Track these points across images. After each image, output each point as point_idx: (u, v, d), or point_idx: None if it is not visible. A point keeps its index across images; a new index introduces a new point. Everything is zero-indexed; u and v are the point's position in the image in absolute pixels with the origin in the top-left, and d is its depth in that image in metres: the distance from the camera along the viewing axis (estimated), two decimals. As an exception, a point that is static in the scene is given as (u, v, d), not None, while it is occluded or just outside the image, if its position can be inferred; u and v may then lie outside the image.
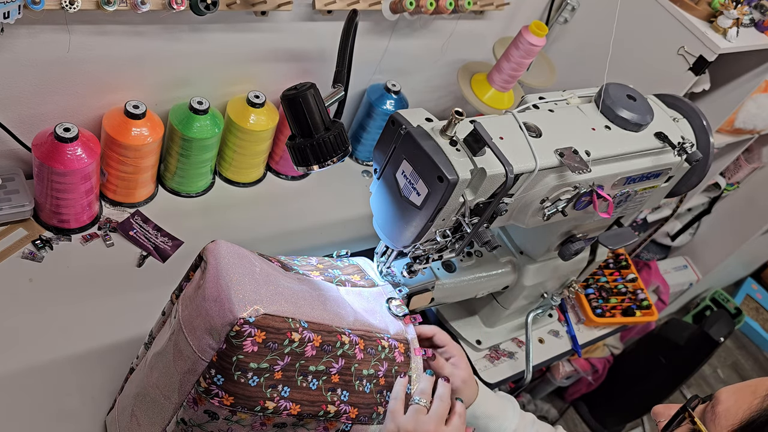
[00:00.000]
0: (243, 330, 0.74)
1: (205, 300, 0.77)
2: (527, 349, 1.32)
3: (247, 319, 0.74)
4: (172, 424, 0.82)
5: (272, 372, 0.78)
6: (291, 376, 0.80)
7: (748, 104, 1.81)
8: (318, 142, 0.90)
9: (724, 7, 1.40)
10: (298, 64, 1.35)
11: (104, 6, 0.96)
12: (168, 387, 0.81)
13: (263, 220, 1.35)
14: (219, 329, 0.75)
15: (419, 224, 0.89)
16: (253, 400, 0.78)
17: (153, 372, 0.84)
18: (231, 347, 0.74)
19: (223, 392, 0.76)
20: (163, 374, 0.82)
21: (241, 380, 0.76)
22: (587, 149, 0.96)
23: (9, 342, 0.99)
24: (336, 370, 0.84)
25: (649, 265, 2.53)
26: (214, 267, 0.78)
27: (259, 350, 0.76)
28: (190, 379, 0.78)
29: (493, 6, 1.47)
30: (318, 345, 0.81)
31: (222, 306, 0.75)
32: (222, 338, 0.75)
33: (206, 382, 0.76)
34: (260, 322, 0.75)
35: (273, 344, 0.77)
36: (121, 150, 1.14)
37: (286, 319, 0.78)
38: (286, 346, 0.78)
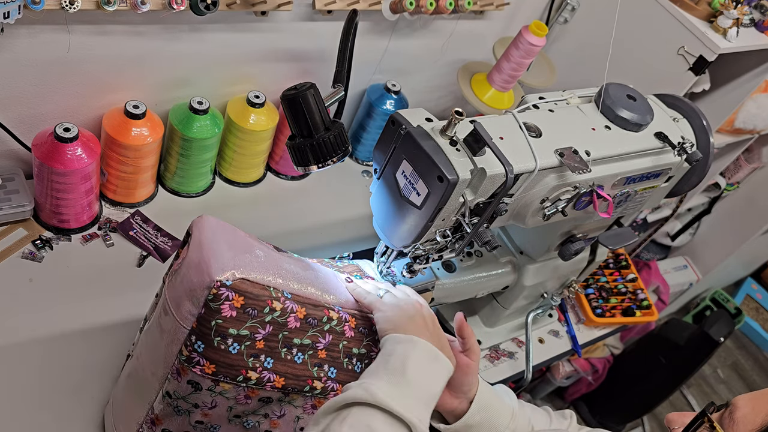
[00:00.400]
0: (220, 293, 0.75)
1: (187, 268, 0.78)
2: (527, 349, 1.32)
3: (224, 282, 0.75)
4: (158, 399, 0.83)
5: (253, 340, 0.78)
6: (274, 347, 0.80)
7: (748, 104, 1.81)
8: (318, 142, 0.90)
9: (724, 7, 1.40)
10: (298, 64, 1.35)
11: (104, 6, 0.96)
12: (154, 362, 0.82)
13: (263, 220, 1.35)
14: (198, 294, 0.76)
15: (419, 224, 0.89)
16: (234, 369, 0.78)
17: (142, 351, 0.85)
18: (209, 311, 0.75)
19: (204, 360, 0.77)
20: (150, 350, 0.83)
21: (221, 347, 0.76)
22: (587, 149, 0.96)
23: (9, 342, 0.99)
24: (323, 345, 0.84)
25: (649, 265, 2.53)
26: (197, 237, 0.79)
27: (238, 315, 0.76)
28: (173, 349, 0.79)
29: (493, 6, 1.47)
30: (302, 317, 0.81)
31: (201, 271, 0.76)
32: (201, 303, 0.75)
33: (188, 350, 0.77)
34: (238, 286, 0.76)
35: (252, 310, 0.77)
36: (121, 150, 1.14)
37: (267, 288, 0.78)
38: (267, 314, 0.78)
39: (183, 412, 0.82)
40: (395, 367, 0.78)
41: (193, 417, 0.82)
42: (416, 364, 0.79)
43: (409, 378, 0.77)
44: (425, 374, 0.80)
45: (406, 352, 0.80)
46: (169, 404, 0.82)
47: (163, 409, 0.83)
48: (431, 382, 0.80)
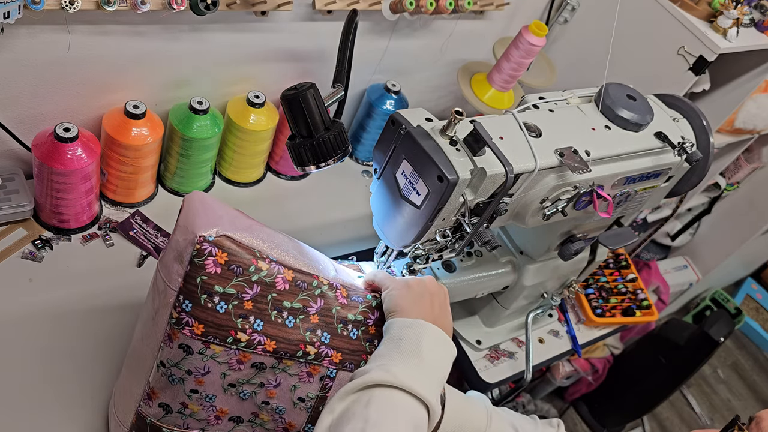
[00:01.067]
0: (203, 248, 0.76)
1: (175, 234, 0.79)
2: (527, 349, 1.32)
3: (206, 237, 0.76)
4: (154, 370, 0.83)
5: (241, 300, 0.79)
6: (263, 309, 0.80)
7: (748, 104, 1.82)
8: (318, 142, 0.90)
9: (724, 7, 1.40)
10: (298, 64, 1.35)
11: (104, 6, 0.96)
12: (148, 335, 0.83)
13: (263, 220, 1.33)
14: (184, 253, 0.77)
15: (419, 224, 0.89)
16: (223, 329, 0.78)
17: (137, 327, 0.86)
18: (194, 268, 0.77)
19: (193, 319, 0.78)
20: (144, 324, 0.84)
21: (208, 305, 0.77)
22: (587, 149, 0.96)
23: (9, 342, 0.99)
24: (315, 310, 0.84)
25: (649, 265, 2.53)
26: (186, 206, 0.81)
27: (223, 272, 0.77)
28: (164, 314, 0.80)
29: (493, 6, 1.47)
30: (290, 279, 0.82)
31: (186, 230, 0.78)
32: (186, 261, 0.77)
33: (177, 311, 0.78)
34: (221, 243, 0.77)
35: (237, 268, 0.78)
36: (121, 150, 1.14)
37: (252, 249, 0.80)
38: (253, 273, 0.79)
39: (177, 380, 0.82)
40: (411, 350, 0.79)
41: (187, 385, 0.82)
42: (429, 347, 0.80)
43: (425, 360, 0.79)
44: (437, 357, 0.81)
45: (418, 335, 0.81)
46: (163, 374, 0.82)
47: (158, 380, 0.83)
48: (442, 365, 0.82)
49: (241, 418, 0.87)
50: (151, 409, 0.85)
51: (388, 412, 0.72)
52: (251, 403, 0.86)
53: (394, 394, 0.74)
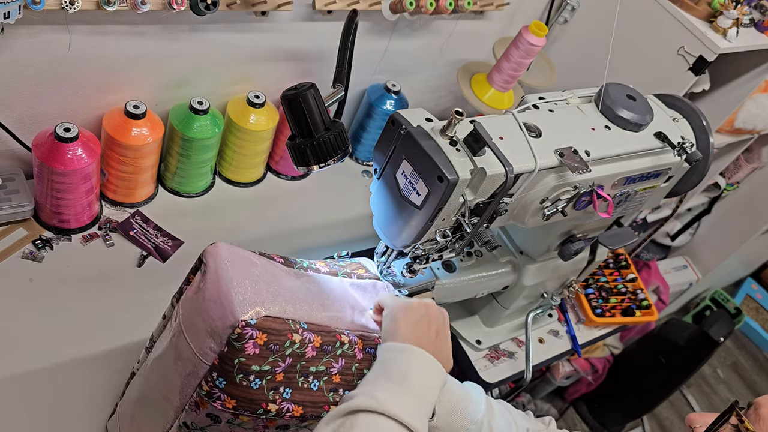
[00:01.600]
0: (245, 332, 0.74)
1: (206, 301, 0.77)
2: (527, 349, 1.32)
3: (248, 321, 0.74)
4: (174, 428, 0.82)
5: (274, 374, 0.78)
6: (292, 378, 0.80)
7: (748, 104, 1.82)
8: (318, 142, 0.90)
9: (724, 7, 1.40)
10: (298, 64, 1.35)
11: (104, 6, 0.96)
12: (169, 390, 0.81)
13: (263, 220, 1.35)
14: (220, 331, 0.75)
15: (419, 224, 0.89)
16: (255, 403, 0.78)
17: (154, 375, 0.84)
18: (233, 350, 0.74)
19: (225, 395, 0.76)
20: (163, 377, 0.82)
21: (243, 383, 0.76)
22: (587, 149, 0.96)
23: (9, 342, 0.99)
24: (336, 370, 0.84)
25: (649, 265, 2.53)
26: (214, 269, 0.78)
27: (261, 352, 0.76)
28: (192, 382, 0.78)
29: (493, 6, 1.47)
30: (318, 345, 0.81)
31: (223, 308, 0.75)
32: (224, 341, 0.75)
33: (208, 385, 0.76)
34: (262, 324, 0.75)
35: (275, 346, 0.77)
36: (122, 150, 1.14)
37: (287, 321, 0.78)
38: (288, 348, 0.78)
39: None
40: (397, 376, 0.79)
41: None
42: (417, 373, 0.80)
43: (411, 386, 0.78)
44: (424, 383, 0.81)
45: (406, 361, 0.81)
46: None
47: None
48: (429, 390, 0.81)
49: None
50: None
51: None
52: None
53: (378, 420, 0.73)
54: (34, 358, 0.99)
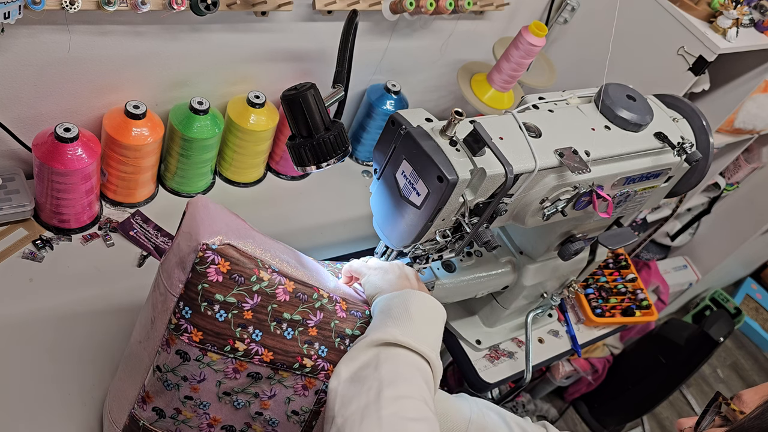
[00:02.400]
0: (206, 256, 0.76)
1: (177, 239, 0.79)
2: (527, 349, 1.32)
3: (210, 245, 0.76)
4: (150, 374, 0.83)
5: (241, 309, 0.78)
6: (263, 320, 0.80)
7: (747, 104, 1.82)
8: (318, 142, 0.90)
9: (724, 7, 1.40)
10: (298, 64, 1.35)
11: (104, 6, 0.96)
12: (146, 336, 0.83)
13: (263, 220, 1.35)
14: (186, 260, 0.77)
15: (419, 224, 0.89)
16: (221, 338, 0.78)
17: (137, 330, 0.86)
18: (195, 275, 0.76)
19: (192, 326, 0.77)
20: (142, 326, 0.84)
21: (208, 312, 0.77)
22: (587, 149, 0.96)
23: (9, 342, 0.99)
24: (314, 323, 0.84)
25: (649, 265, 2.53)
26: (191, 211, 0.81)
27: (224, 281, 0.77)
28: (164, 319, 0.80)
29: (493, 6, 1.47)
30: (291, 291, 0.81)
31: (189, 237, 0.77)
32: (189, 268, 0.77)
33: (176, 317, 0.78)
34: (224, 251, 0.77)
35: (239, 277, 0.78)
36: (122, 150, 1.15)
37: (254, 258, 0.79)
38: (254, 283, 0.79)
39: (172, 386, 0.82)
40: (401, 314, 0.82)
41: (182, 392, 0.82)
42: (418, 308, 0.84)
43: (416, 320, 0.82)
44: (428, 317, 0.85)
45: (405, 301, 0.84)
46: (159, 378, 0.82)
47: (153, 385, 0.83)
48: (434, 324, 0.85)
49: (233, 428, 0.87)
50: (145, 412, 0.85)
51: (399, 368, 0.75)
52: (245, 413, 0.86)
53: (397, 351, 0.78)
54: (33, 358, 0.99)
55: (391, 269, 0.92)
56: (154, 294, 0.83)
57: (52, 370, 1.00)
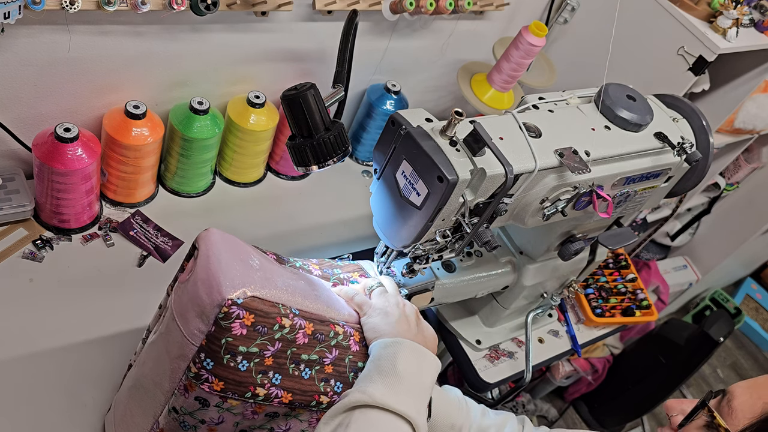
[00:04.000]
0: (231, 311, 0.74)
1: (196, 283, 0.77)
2: (527, 349, 1.32)
3: (235, 300, 0.74)
4: (164, 413, 0.82)
5: (262, 357, 0.78)
6: (282, 363, 0.80)
7: (747, 104, 1.82)
8: (318, 142, 0.90)
9: (724, 7, 1.40)
10: (298, 64, 1.35)
11: (104, 6, 0.96)
12: (160, 375, 0.82)
13: (263, 220, 1.35)
14: (208, 312, 0.75)
15: (419, 224, 0.89)
16: (243, 386, 0.78)
17: (146, 362, 0.84)
18: (219, 329, 0.75)
19: (213, 377, 0.76)
20: (155, 363, 0.83)
21: (231, 364, 0.76)
22: (587, 149, 0.96)
23: (8, 342, 0.99)
24: (330, 360, 0.84)
25: (649, 265, 2.53)
26: (205, 252, 0.79)
27: (248, 333, 0.76)
28: (181, 365, 0.78)
29: (493, 6, 1.47)
30: (310, 333, 0.81)
31: (211, 288, 0.75)
32: (211, 321, 0.75)
33: (196, 366, 0.76)
34: (249, 305, 0.75)
35: (262, 328, 0.77)
36: (122, 150, 1.15)
37: (276, 305, 0.78)
38: (276, 332, 0.78)
39: (189, 427, 0.82)
40: (387, 368, 0.81)
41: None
42: (405, 361, 0.82)
43: (401, 375, 0.80)
44: (415, 370, 0.83)
45: (394, 352, 0.83)
46: (175, 419, 0.82)
47: (168, 423, 0.82)
48: (422, 375, 0.83)
49: None
50: None
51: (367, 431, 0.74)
52: None
53: (371, 414, 0.76)
54: (33, 358, 0.99)
55: (392, 310, 0.91)
56: (169, 336, 0.80)
57: (52, 369, 0.99)
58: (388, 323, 0.88)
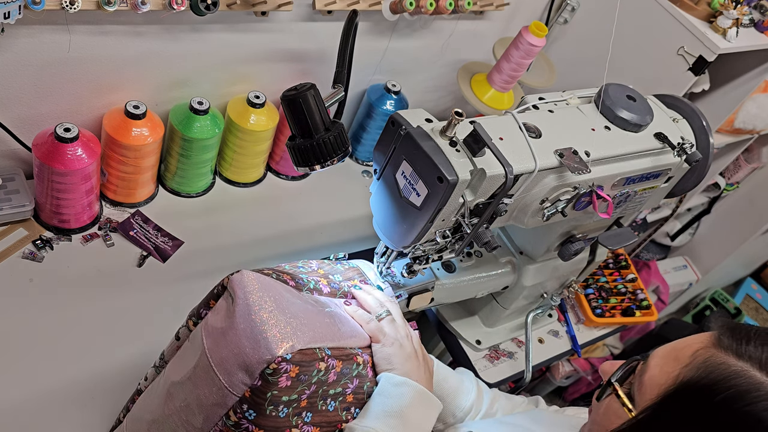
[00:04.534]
0: (280, 368, 0.74)
1: (237, 336, 0.76)
2: (527, 349, 1.32)
3: (284, 357, 0.74)
4: None
5: (299, 401, 0.78)
6: (314, 402, 0.80)
7: (747, 104, 1.81)
8: (318, 142, 0.90)
9: (724, 7, 1.40)
10: (298, 64, 1.35)
11: (104, 6, 0.96)
12: (191, 417, 0.80)
13: (263, 220, 1.35)
14: (254, 366, 0.74)
15: (419, 225, 0.89)
16: (280, 431, 0.78)
17: (173, 401, 0.83)
18: (266, 384, 0.74)
19: (254, 426, 0.76)
20: (185, 404, 0.81)
21: (273, 414, 0.76)
22: (587, 150, 0.96)
23: (8, 342, 0.99)
24: (351, 390, 0.85)
25: (649, 265, 2.53)
26: (243, 300, 0.78)
27: (292, 384, 0.76)
28: (218, 412, 0.78)
29: (493, 6, 1.47)
30: (339, 370, 0.82)
31: (257, 343, 0.74)
32: (256, 375, 0.74)
33: (236, 416, 0.76)
34: (295, 359, 0.75)
35: (304, 377, 0.77)
36: (122, 150, 1.15)
37: (315, 350, 0.78)
38: (314, 376, 0.78)
39: None
40: (393, 411, 0.83)
41: None
42: (412, 408, 0.84)
43: (406, 421, 0.83)
44: (420, 416, 0.85)
45: (402, 396, 0.85)
46: None
47: None
48: (424, 422, 0.86)
49: None
50: None
51: None
52: None
53: None
54: (33, 358, 0.99)
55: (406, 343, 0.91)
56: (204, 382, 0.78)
57: (52, 369, 0.99)
58: (403, 356, 0.89)
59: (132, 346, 1.05)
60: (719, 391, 0.60)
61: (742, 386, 0.59)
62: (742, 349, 0.62)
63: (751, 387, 0.59)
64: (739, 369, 0.61)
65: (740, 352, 0.62)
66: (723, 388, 0.60)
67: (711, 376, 0.61)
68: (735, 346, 0.62)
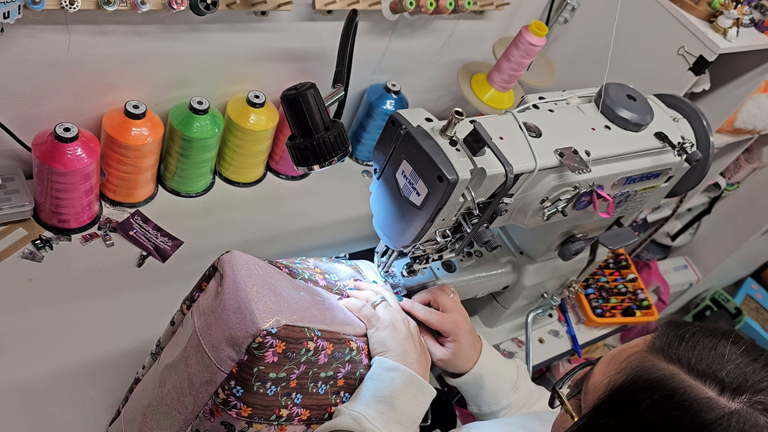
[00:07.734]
0: (265, 341, 0.74)
1: (225, 311, 0.76)
2: (527, 349, 1.32)
3: (269, 330, 0.74)
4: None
5: (288, 381, 0.78)
6: (304, 384, 0.81)
7: (748, 104, 1.81)
8: (318, 142, 0.90)
9: (724, 7, 1.40)
10: (298, 64, 1.35)
11: (104, 6, 0.96)
12: (182, 397, 0.81)
13: (263, 220, 1.35)
14: (240, 341, 0.75)
15: (419, 224, 0.89)
16: (269, 410, 0.78)
17: (166, 383, 0.83)
18: (252, 358, 0.75)
19: (242, 403, 0.76)
20: (177, 385, 0.82)
21: (260, 390, 0.76)
22: (587, 149, 0.96)
23: (8, 342, 0.99)
24: (342, 374, 0.85)
25: (649, 265, 2.53)
26: (232, 278, 0.78)
27: (279, 360, 0.76)
28: (208, 389, 0.78)
29: (493, 6, 1.47)
30: (330, 352, 0.82)
31: (244, 318, 0.75)
32: (243, 350, 0.75)
33: (225, 393, 0.76)
34: (281, 333, 0.75)
35: (292, 354, 0.77)
36: (121, 150, 1.14)
37: (303, 329, 0.78)
38: (303, 355, 0.78)
39: None
40: (383, 396, 0.83)
41: None
42: (402, 393, 0.84)
43: (396, 406, 0.83)
44: (410, 402, 0.85)
45: (393, 381, 0.85)
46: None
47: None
48: (415, 408, 0.86)
49: None
50: None
51: None
52: None
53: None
54: (33, 357, 0.99)
55: (400, 326, 0.92)
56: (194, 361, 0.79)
57: (52, 369, 0.99)
58: (397, 339, 0.89)
59: (132, 346, 1.05)
60: (645, 397, 0.58)
61: (667, 391, 0.57)
62: (672, 352, 0.60)
63: (676, 391, 0.57)
64: (668, 373, 0.58)
65: (670, 355, 0.60)
66: (649, 394, 0.58)
67: (639, 382, 0.59)
68: (666, 348, 0.60)
